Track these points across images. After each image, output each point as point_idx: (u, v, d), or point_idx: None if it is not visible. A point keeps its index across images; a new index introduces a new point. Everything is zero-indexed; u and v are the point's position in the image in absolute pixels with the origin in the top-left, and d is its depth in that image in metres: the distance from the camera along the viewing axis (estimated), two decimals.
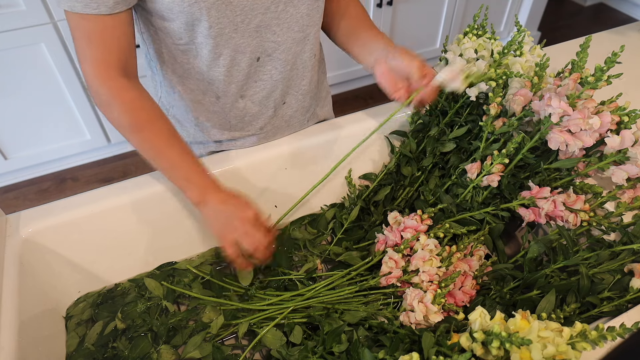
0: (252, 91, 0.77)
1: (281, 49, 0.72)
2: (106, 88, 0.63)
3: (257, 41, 0.70)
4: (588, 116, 0.63)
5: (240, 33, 0.67)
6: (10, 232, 0.69)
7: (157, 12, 0.63)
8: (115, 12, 0.59)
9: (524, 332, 0.49)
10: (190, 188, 0.67)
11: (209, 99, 0.77)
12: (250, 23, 0.67)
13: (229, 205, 0.67)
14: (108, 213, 0.73)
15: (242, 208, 0.67)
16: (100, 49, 0.61)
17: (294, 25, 0.71)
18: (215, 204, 0.67)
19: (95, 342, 0.69)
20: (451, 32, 2.43)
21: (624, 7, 3.22)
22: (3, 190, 1.97)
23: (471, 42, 0.79)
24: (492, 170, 0.71)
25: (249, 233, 0.66)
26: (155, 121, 0.66)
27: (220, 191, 0.68)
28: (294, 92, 0.81)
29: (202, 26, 0.64)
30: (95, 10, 0.57)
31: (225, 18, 0.64)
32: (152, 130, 0.66)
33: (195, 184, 0.67)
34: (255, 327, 0.68)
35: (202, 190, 0.67)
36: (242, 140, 0.84)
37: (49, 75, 1.71)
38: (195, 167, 0.68)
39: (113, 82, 0.63)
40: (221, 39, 0.67)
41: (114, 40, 0.61)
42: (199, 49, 0.68)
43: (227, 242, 0.67)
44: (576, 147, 0.65)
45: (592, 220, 0.67)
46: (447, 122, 0.82)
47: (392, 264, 0.68)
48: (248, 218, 0.66)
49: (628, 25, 1.17)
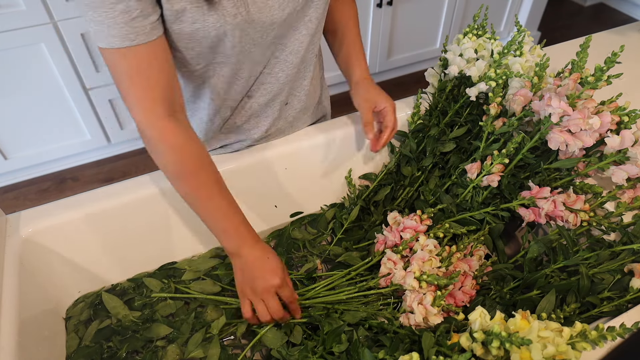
0: (259, 92, 0.77)
1: (288, 51, 0.73)
2: (154, 130, 0.60)
3: (272, 50, 0.71)
4: (588, 116, 0.63)
5: (258, 47, 0.68)
6: (10, 232, 0.69)
7: (179, 35, 0.61)
8: (152, 38, 0.56)
9: (524, 332, 0.49)
10: (228, 239, 0.66)
11: (215, 103, 0.77)
12: (267, 37, 0.67)
13: (258, 266, 0.65)
14: (108, 213, 0.73)
15: (270, 274, 0.64)
16: (143, 84, 0.58)
17: (302, 28, 0.71)
18: (247, 260, 0.65)
19: (92, 339, 0.69)
20: (451, 32, 2.43)
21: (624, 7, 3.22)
22: (3, 190, 1.97)
23: (471, 42, 0.79)
24: (492, 170, 0.71)
25: (266, 301, 0.64)
26: (202, 170, 0.64)
27: (256, 248, 0.66)
28: (297, 93, 0.82)
29: (224, 46, 0.64)
30: (134, 41, 0.54)
31: (247, 36, 0.64)
32: (198, 179, 0.63)
33: (232, 235, 0.66)
34: (255, 327, 0.68)
35: (238, 242, 0.66)
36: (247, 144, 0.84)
37: (49, 75, 1.71)
38: (237, 218, 0.66)
39: (161, 123, 0.60)
40: (242, 56, 0.67)
41: (155, 71, 0.58)
42: (219, 68, 0.68)
43: (244, 301, 0.66)
44: (576, 147, 0.65)
45: (592, 220, 0.67)
46: (447, 122, 0.82)
47: (391, 265, 0.68)
48: (271, 286, 0.64)
49: (628, 25, 1.16)
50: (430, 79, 0.85)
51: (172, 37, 0.61)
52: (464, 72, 0.78)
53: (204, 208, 0.65)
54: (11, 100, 1.71)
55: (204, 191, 0.64)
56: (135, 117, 0.59)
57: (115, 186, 0.75)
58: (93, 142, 1.98)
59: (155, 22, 0.56)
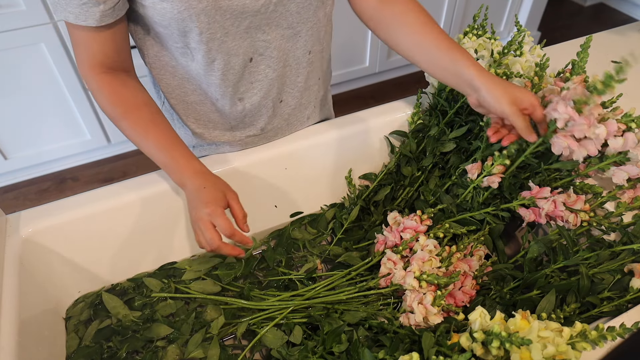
0: (250, 93, 0.77)
1: (272, 46, 0.73)
2: (94, 82, 0.68)
3: (249, 42, 0.70)
4: (594, 124, 0.61)
5: (231, 37, 0.68)
6: (10, 232, 0.69)
7: (151, 17, 0.65)
8: (102, 24, 0.63)
9: (524, 332, 0.49)
10: (171, 172, 0.70)
11: (209, 102, 0.78)
12: (240, 26, 0.67)
13: (194, 196, 0.66)
14: (108, 213, 0.73)
15: (202, 204, 0.64)
16: (87, 51, 0.66)
17: (283, 22, 0.71)
18: (188, 191, 0.68)
19: (92, 339, 0.69)
20: (451, 32, 2.43)
21: (624, 7, 3.22)
22: (3, 190, 1.97)
23: (471, 42, 0.79)
24: (492, 171, 0.71)
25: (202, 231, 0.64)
26: (135, 110, 0.69)
27: (196, 178, 0.68)
28: (290, 89, 0.81)
29: (193, 32, 0.65)
30: (83, 22, 0.62)
31: (215, 23, 0.65)
32: (132, 119, 0.69)
33: (173, 168, 0.69)
34: (255, 327, 0.68)
35: (179, 174, 0.69)
36: (244, 142, 0.84)
37: (49, 75, 1.71)
38: (176, 151, 0.69)
39: (98, 77, 0.68)
40: (213, 44, 0.68)
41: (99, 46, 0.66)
42: (194, 53, 0.70)
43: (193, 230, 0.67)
44: (581, 156, 0.63)
45: (592, 220, 0.67)
46: (447, 122, 0.82)
47: (391, 265, 0.68)
48: (201, 216, 0.64)
49: (628, 25, 1.16)
50: (430, 79, 0.85)
51: (148, 12, 0.65)
52: None
53: (143, 145, 0.69)
54: (11, 100, 1.71)
55: (140, 129, 0.69)
56: (81, 72, 0.69)
57: (115, 186, 0.75)
58: (93, 142, 1.98)
59: (107, 11, 0.62)
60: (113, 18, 0.63)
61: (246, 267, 0.77)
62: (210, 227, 0.63)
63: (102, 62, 0.67)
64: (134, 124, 0.69)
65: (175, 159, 0.69)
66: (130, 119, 0.69)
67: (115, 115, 0.69)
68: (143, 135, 0.69)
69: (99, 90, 0.68)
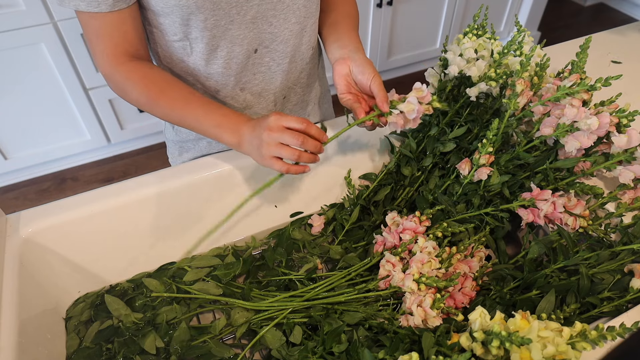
0: (251, 83, 0.77)
1: (278, 40, 0.73)
2: (118, 74, 0.67)
3: (254, 33, 0.70)
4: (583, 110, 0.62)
5: (236, 25, 0.68)
6: (10, 232, 0.69)
7: (152, 6, 0.64)
8: (115, 9, 0.62)
9: (524, 332, 0.49)
10: (224, 133, 0.67)
11: (208, 96, 0.77)
12: (246, 14, 0.67)
13: (257, 127, 0.65)
14: (108, 213, 0.73)
15: (265, 120, 0.63)
16: (107, 41, 0.65)
17: (291, 16, 0.71)
18: (248, 137, 0.65)
19: (93, 340, 0.69)
20: (451, 32, 2.43)
21: (624, 7, 3.22)
22: (3, 190, 1.97)
23: (471, 42, 0.78)
24: (480, 162, 0.70)
25: (282, 141, 0.62)
26: (169, 88, 0.68)
27: (250, 120, 0.66)
28: (293, 85, 0.81)
29: (197, 19, 0.65)
30: (96, 8, 0.61)
31: (220, 10, 0.65)
32: (169, 95, 0.68)
33: (225, 127, 0.67)
34: (255, 327, 0.68)
35: (234, 130, 0.67)
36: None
37: (49, 75, 1.71)
38: (223, 108, 0.68)
39: (123, 67, 0.67)
40: (217, 31, 0.68)
41: (120, 34, 0.65)
42: (194, 44, 0.69)
43: (270, 162, 0.64)
44: (573, 148, 0.64)
45: (590, 228, 0.67)
46: (447, 122, 0.82)
47: (390, 267, 0.68)
48: (270, 127, 0.62)
49: (628, 25, 1.16)
50: (430, 79, 0.85)
51: (148, 5, 0.65)
52: (464, 72, 0.77)
53: (187, 115, 0.68)
54: (11, 100, 1.71)
55: (180, 102, 0.68)
56: (100, 67, 0.66)
57: (115, 186, 0.75)
58: (93, 142, 1.98)
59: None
60: (126, 4, 0.63)
61: (244, 266, 0.77)
62: (287, 131, 0.62)
63: (126, 50, 0.66)
64: (173, 100, 0.68)
65: (226, 115, 0.67)
66: (168, 94, 0.68)
67: (150, 97, 0.67)
68: (185, 106, 0.68)
69: (128, 79, 0.67)
